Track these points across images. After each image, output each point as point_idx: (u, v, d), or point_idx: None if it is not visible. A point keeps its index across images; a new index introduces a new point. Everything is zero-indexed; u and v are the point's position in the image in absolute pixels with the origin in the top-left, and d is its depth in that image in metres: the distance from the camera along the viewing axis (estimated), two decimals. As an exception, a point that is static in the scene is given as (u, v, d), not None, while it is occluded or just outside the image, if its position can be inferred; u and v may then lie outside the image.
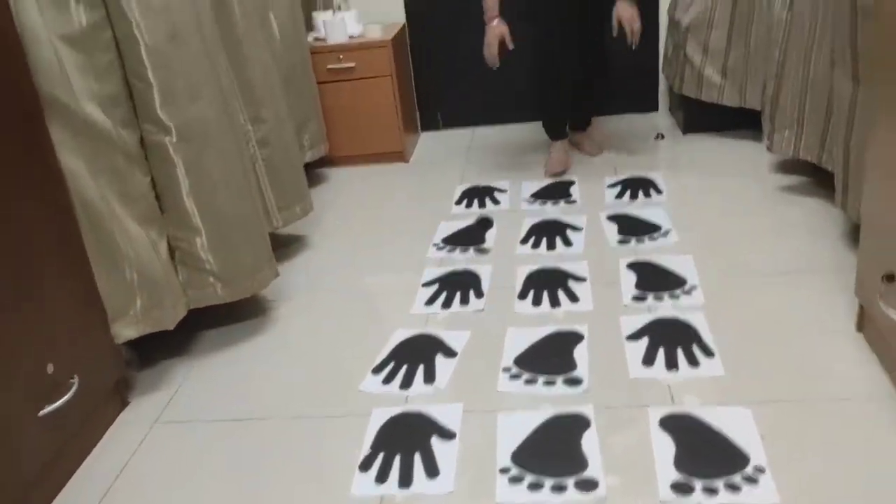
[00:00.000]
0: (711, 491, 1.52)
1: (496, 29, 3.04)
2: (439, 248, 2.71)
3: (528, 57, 3.22)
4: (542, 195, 3.05)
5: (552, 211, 2.91)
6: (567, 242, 2.64)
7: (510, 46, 3.04)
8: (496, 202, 3.05)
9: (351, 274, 2.62)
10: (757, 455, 1.60)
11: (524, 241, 2.69)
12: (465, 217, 2.94)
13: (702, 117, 3.49)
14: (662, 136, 3.56)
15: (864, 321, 1.95)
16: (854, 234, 2.40)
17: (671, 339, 2.02)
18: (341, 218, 3.09)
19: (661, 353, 1.97)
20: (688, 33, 3.32)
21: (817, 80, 2.52)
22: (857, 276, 1.92)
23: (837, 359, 1.89)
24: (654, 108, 3.92)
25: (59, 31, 1.79)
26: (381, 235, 2.88)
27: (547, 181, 3.17)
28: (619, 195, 2.97)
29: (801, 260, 2.36)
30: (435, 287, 2.44)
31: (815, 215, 2.63)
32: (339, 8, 3.58)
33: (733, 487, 1.52)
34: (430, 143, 3.88)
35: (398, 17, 3.81)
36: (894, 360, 1.78)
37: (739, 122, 3.43)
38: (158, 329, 2.03)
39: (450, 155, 3.63)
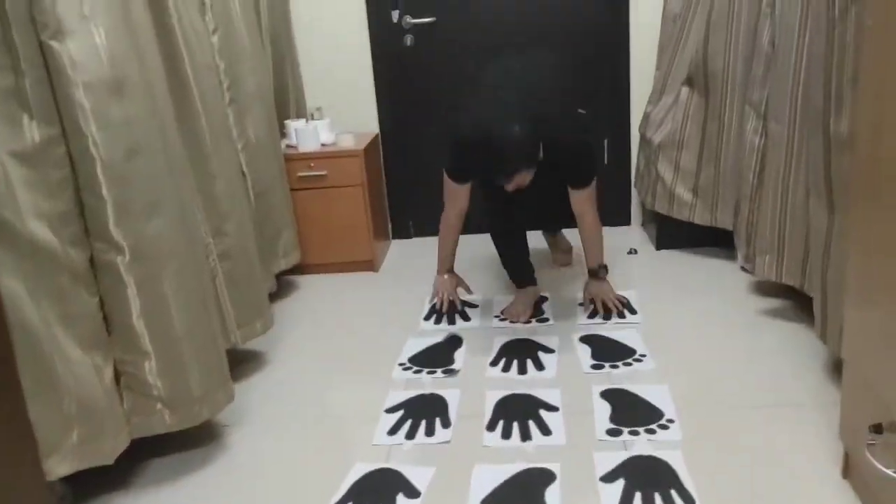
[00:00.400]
0: None
1: (445, 283, 3.01)
2: (405, 368, 2.59)
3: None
4: (514, 312, 2.97)
5: (523, 330, 2.82)
6: (539, 366, 2.53)
7: (457, 305, 3.01)
8: (466, 318, 2.95)
9: (311, 396, 2.48)
10: None
11: (494, 362, 2.58)
12: (434, 334, 2.84)
13: (675, 233, 3.48)
14: (635, 252, 3.52)
15: (850, 468, 1.85)
16: (837, 366, 2.33)
17: (648, 483, 1.90)
18: (305, 332, 2.97)
19: (637, 499, 1.84)
20: (659, 151, 3.34)
21: (796, 208, 2.50)
22: (842, 421, 1.83)
23: (824, 509, 1.78)
24: (627, 222, 3.91)
25: (8, 148, 1.70)
26: (344, 353, 2.76)
27: (519, 297, 3.10)
28: (592, 314, 2.89)
29: (782, 392, 2.27)
30: (399, 414, 2.31)
31: (796, 343, 2.56)
32: (313, 116, 3.56)
33: None
34: (400, 252, 3.81)
35: (372, 127, 3.80)
36: (884, 513, 1.67)
37: (712, 238, 3.41)
38: (97, 464, 1.87)
39: (420, 265, 3.55)
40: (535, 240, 3.45)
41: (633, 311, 2.89)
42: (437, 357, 2.65)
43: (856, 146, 1.65)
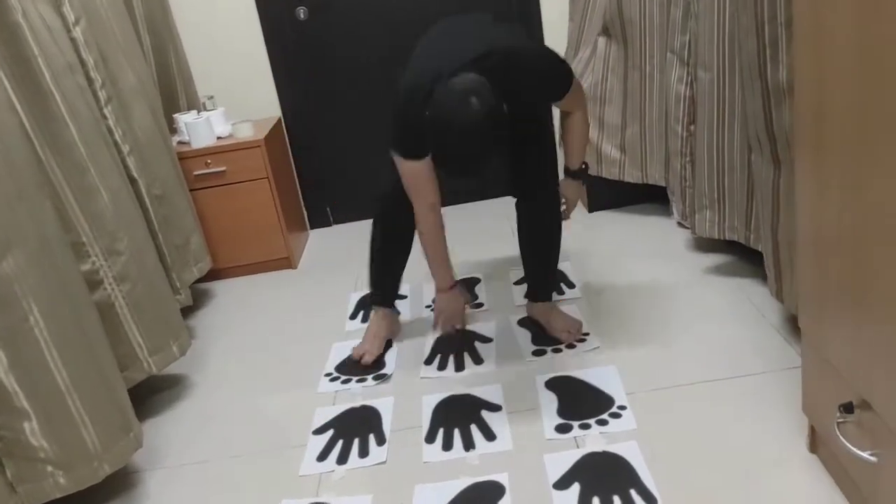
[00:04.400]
0: None
1: (452, 303, 2.40)
2: (333, 379, 2.37)
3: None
4: (446, 299, 2.76)
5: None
6: (477, 359, 2.34)
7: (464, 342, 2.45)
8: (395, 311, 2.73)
9: (233, 425, 2.24)
10: None
11: (429, 360, 2.38)
12: (359, 335, 2.61)
13: (606, 193, 3.31)
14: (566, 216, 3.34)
15: (817, 443, 1.72)
16: (794, 324, 2.20)
17: (606, 484, 1.74)
18: (225, 346, 2.71)
19: (596, 505, 1.68)
20: (581, 109, 3.14)
21: (734, 159, 2.35)
22: (804, 396, 1.69)
23: (793, 489, 1.64)
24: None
25: None
26: (268, 367, 2.52)
27: (450, 281, 2.88)
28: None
29: (738, 361, 2.13)
30: (329, 434, 2.09)
31: (746, 302, 2.43)
32: (205, 107, 3.25)
33: None
34: (320, 243, 3.55)
35: (273, 111, 3.50)
36: (854, 486, 1.54)
37: (644, 195, 3.26)
38: (-26, 551, 1.60)
39: (342, 256, 3.31)
40: (455, 215, 3.25)
41: (570, 285, 2.72)
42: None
43: (797, 96, 1.48)
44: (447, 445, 1.97)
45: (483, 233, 3.30)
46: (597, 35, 3.04)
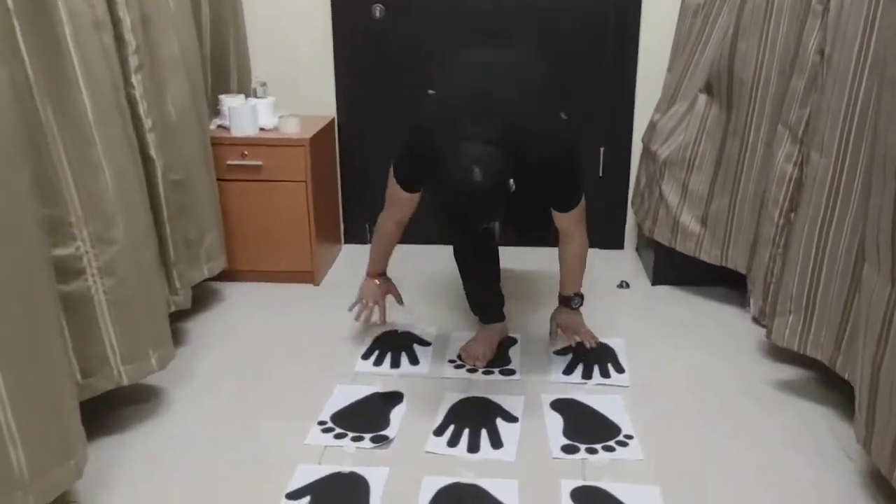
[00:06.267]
0: None
1: (372, 289, 2.48)
2: (326, 430, 2.03)
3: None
4: (474, 356, 2.42)
5: (482, 384, 2.27)
6: (496, 441, 1.99)
7: (382, 316, 2.51)
8: (414, 361, 2.39)
9: (200, 462, 1.92)
10: None
11: (440, 431, 2.03)
12: (370, 380, 2.28)
13: (675, 266, 2.92)
14: (627, 285, 2.97)
15: None
16: (880, 481, 1.80)
17: None
18: (216, 361, 2.40)
19: None
20: (665, 169, 2.78)
21: (835, 266, 1.96)
22: None
23: None
24: (619, 245, 3.35)
25: None
26: (256, 399, 2.20)
27: (481, 336, 2.54)
28: (569, 369, 2.34)
29: (803, 510, 1.74)
30: (303, 503, 1.75)
31: (825, 434, 2.03)
32: (255, 94, 2.97)
33: None
34: (351, 261, 3.23)
35: (328, 110, 3.21)
36: None
37: (718, 277, 2.86)
38: None
39: (371, 280, 2.99)
40: (510, 259, 2.91)
41: (619, 369, 2.34)
42: (369, 416, 2.10)
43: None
44: (439, 551, 1.62)
45: (534, 282, 2.95)
46: (698, 90, 2.68)
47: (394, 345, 2.47)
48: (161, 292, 2.18)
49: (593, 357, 2.38)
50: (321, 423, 2.06)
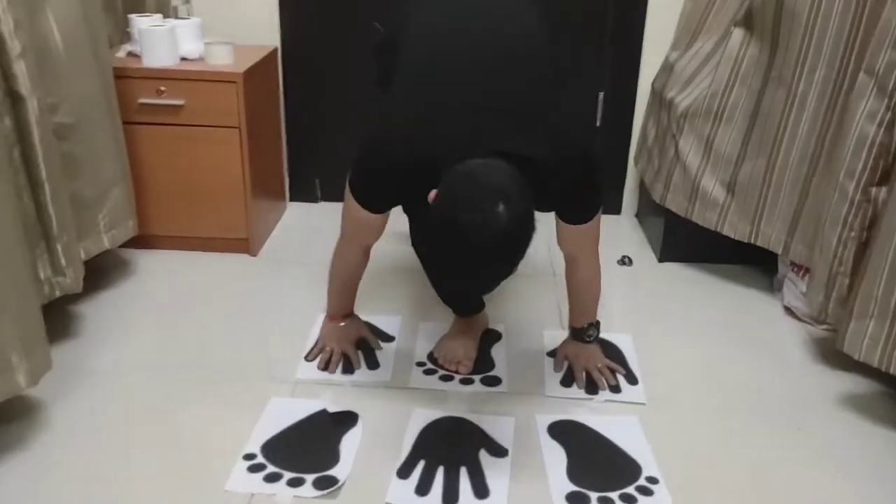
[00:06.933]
0: None
1: (339, 333, 1.89)
2: (254, 467, 1.52)
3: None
4: (448, 357, 1.91)
5: (460, 398, 1.77)
6: (480, 488, 1.49)
7: (354, 364, 1.86)
8: (373, 364, 1.88)
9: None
10: None
11: (405, 471, 1.53)
12: (315, 392, 1.76)
13: (687, 238, 2.43)
14: (629, 261, 2.48)
15: None
16: None
17: None
18: (110, 362, 1.86)
19: None
20: (684, 121, 2.27)
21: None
22: None
23: None
24: (616, 210, 2.84)
25: None
26: (163, 424, 1.66)
27: (457, 328, 2.03)
28: (568, 380, 1.85)
29: None
30: (215, 592, 1.25)
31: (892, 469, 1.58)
32: (176, 12, 2.36)
33: None
34: (298, 223, 2.68)
35: (269, 38, 2.60)
36: None
37: (734, 252, 2.38)
38: None
39: (323, 247, 2.39)
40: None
41: (631, 378, 1.86)
42: (312, 447, 1.58)
43: None
44: None
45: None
46: (731, 24, 2.15)
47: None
48: (28, 278, 1.61)
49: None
50: (248, 456, 1.54)
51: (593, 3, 2.59)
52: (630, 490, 1.49)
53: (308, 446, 1.58)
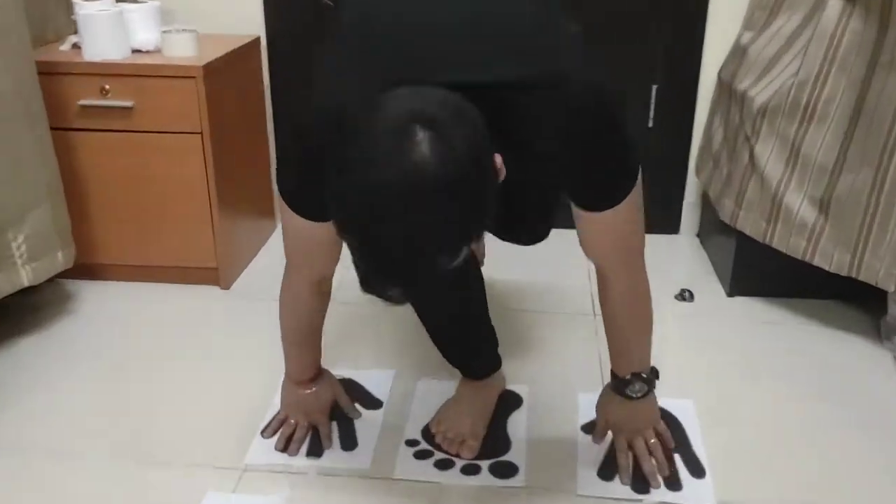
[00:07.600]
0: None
1: (303, 401, 1.44)
2: None
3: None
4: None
5: (460, 499, 1.30)
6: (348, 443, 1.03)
7: (326, 440, 1.42)
8: (350, 442, 1.43)
9: None
10: None
11: None
12: (267, 484, 1.32)
13: (763, 268, 1.93)
14: (690, 296, 1.98)
15: None
16: None
17: None
18: (15, 445, 1.45)
19: None
20: (761, 120, 1.77)
21: None
22: None
23: None
24: (673, 229, 2.34)
25: None
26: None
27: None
28: (610, 467, 1.37)
29: None
30: None
31: None
32: (133, -4, 1.95)
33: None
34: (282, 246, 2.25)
35: (250, 27, 2.17)
36: None
37: (827, 285, 1.86)
38: None
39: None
40: (497, 248, 1.94)
41: (696, 469, 1.37)
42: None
43: None
44: None
45: (542, 285, 1.96)
46: (824, -6, 1.66)
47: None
48: None
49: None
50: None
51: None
52: None
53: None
